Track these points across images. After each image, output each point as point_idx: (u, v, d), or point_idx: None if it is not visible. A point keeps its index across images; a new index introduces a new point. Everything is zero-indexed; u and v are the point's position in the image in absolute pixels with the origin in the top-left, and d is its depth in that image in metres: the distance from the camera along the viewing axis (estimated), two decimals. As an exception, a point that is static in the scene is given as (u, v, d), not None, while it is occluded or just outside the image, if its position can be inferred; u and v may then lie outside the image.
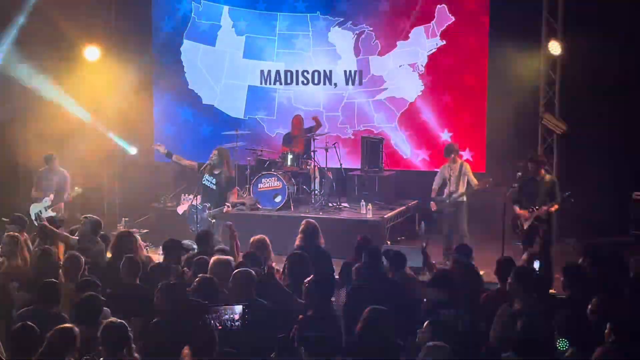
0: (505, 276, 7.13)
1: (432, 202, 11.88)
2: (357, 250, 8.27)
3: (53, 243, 8.75)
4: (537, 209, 10.38)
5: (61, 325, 5.55)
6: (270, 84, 14.55)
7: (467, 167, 11.83)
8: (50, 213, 11.71)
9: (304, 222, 8.96)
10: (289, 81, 14.43)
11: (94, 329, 5.64)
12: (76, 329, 5.51)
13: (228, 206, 10.69)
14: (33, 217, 11.71)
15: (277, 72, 14.43)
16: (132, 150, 14.70)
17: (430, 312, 6.33)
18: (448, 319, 5.86)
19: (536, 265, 7.27)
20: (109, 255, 8.51)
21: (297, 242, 8.77)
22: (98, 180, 14.79)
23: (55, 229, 8.90)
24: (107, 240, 9.03)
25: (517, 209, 10.64)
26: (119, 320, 5.60)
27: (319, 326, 5.99)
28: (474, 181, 11.70)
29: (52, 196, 11.99)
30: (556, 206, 10.42)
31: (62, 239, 8.86)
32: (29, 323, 5.64)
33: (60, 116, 14.11)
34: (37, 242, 8.87)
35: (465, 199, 11.68)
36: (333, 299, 8.38)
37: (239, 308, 5.84)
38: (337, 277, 8.54)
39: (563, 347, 5.45)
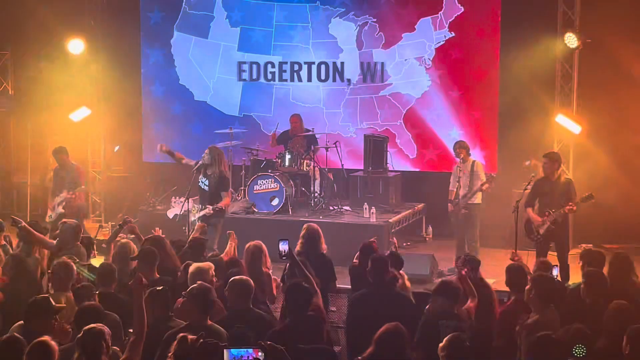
0: (516, 286, 7.19)
1: (449, 204, 11.90)
2: (361, 255, 8.36)
3: (32, 249, 8.80)
4: (553, 212, 10.43)
5: (38, 339, 5.60)
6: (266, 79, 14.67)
7: (479, 167, 11.84)
8: (60, 210, 11.78)
9: (305, 226, 8.93)
10: (286, 76, 14.56)
11: None
12: (53, 343, 5.57)
13: (209, 208, 10.77)
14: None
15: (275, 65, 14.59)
16: (114, 147, 14.77)
17: (428, 323, 6.36)
18: (446, 331, 5.88)
19: (555, 272, 7.30)
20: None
21: (297, 248, 8.82)
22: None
23: (32, 230, 8.90)
24: (90, 243, 9.08)
25: (530, 212, 10.70)
26: (99, 326, 5.69)
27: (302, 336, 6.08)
28: (483, 181, 11.75)
29: (65, 193, 11.97)
30: (574, 207, 10.46)
31: (41, 243, 8.85)
32: (16, 335, 5.70)
33: (41, 112, 14.21)
34: (20, 245, 8.92)
35: (479, 201, 11.72)
36: (334, 308, 8.51)
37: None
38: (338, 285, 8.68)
39: (580, 354, 5.52)
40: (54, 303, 6.33)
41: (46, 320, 6.16)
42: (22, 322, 6.36)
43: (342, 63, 14.24)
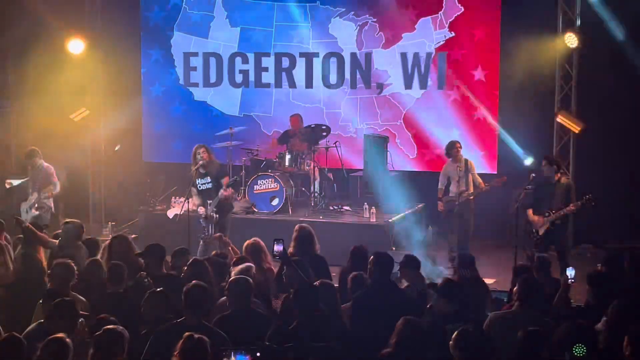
0: None
1: (439, 202, 12.04)
2: (352, 258, 8.34)
3: (34, 248, 8.82)
4: (553, 213, 10.43)
5: (54, 336, 5.63)
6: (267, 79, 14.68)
7: (472, 164, 12.12)
8: (34, 212, 11.79)
9: (296, 227, 8.94)
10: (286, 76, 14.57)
11: None
12: (69, 340, 5.60)
13: (224, 189, 10.85)
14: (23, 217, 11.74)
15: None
16: (114, 147, 14.77)
17: (435, 328, 6.26)
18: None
19: (569, 273, 7.19)
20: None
21: (290, 250, 8.80)
22: (82, 180, 14.85)
23: (37, 231, 8.95)
24: (96, 244, 9.09)
25: (530, 213, 10.69)
26: (119, 328, 5.73)
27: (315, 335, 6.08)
28: (478, 180, 11.92)
29: (35, 195, 12.04)
30: (572, 207, 10.45)
31: (43, 242, 8.91)
32: (14, 334, 5.71)
33: (41, 112, 14.20)
34: (19, 246, 8.95)
35: (472, 197, 11.85)
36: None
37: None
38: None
39: (579, 353, 5.50)
40: (77, 308, 6.41)
41: (68, 322, 6.21)
42: (41, 320, 6.41)
43: (371, 54, 14.14)
